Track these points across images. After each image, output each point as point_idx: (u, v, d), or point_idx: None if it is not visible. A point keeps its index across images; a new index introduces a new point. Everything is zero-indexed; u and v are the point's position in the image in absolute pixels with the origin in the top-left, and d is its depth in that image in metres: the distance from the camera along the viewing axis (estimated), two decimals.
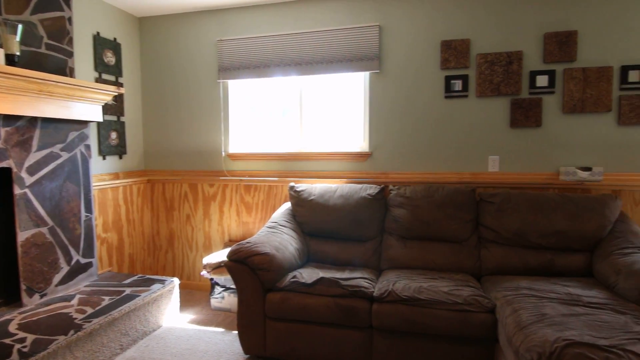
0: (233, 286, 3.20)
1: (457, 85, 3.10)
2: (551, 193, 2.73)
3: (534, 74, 2.96)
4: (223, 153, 3.65)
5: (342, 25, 3.28)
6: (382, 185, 3.04)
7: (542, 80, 2.94)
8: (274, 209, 3.52)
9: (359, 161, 3.34)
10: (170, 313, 3.06)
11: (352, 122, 3.43)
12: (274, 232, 2.81)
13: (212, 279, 3.28)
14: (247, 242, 2.52)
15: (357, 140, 3.42)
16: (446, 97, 3.13)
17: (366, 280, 2.46)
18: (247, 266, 2.43)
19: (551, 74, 2.93)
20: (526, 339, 1.66)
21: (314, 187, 3.11)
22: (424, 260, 2.77)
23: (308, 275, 2.50)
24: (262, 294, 2.45)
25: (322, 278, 2.41)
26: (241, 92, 3.69)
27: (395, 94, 3.23)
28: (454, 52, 3.07)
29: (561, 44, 2.89)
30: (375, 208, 2.94)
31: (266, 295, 2.45)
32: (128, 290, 2.84)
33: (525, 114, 2.98)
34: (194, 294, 3.68)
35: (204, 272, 3.15)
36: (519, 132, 3.03)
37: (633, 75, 2.81)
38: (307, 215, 3.02)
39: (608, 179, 2.88)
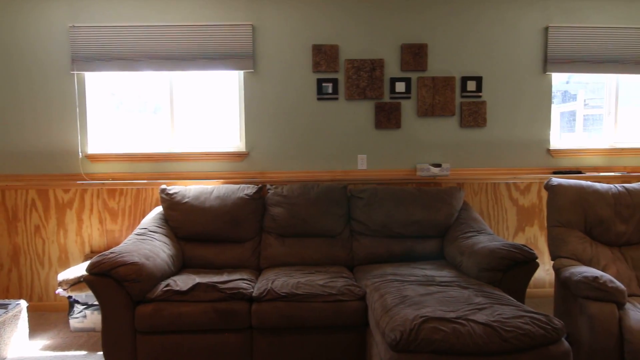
0: (97, 302, 2.87)
1: (329, 88, 3.26)
2: (410, 187, 3.06)
3: (393, 81, 3.27)
4: (80, 154, 3.24)
5: (213, 21, 3.18)
6: (260, 185, 3.05)
7: (400, 87, 3.28)
8: (143, 215, 3.26)
9: (236, 161, 3.29)
10: (17, 341, 2.61)
11: (227, 121, 3.36)
12: (143, 240, 2.60)
13: (70, 297, 2.90)
14: (112, 252, 2.29)
15: (233, 139, 3.36)
16: (319, 99, 3.27)
17: (245, 281, 2.43)
18: (112, 279, 2.20)
19: (407, 81, 3.28)
20: (391, 320, 1.83)
21: (188, 189, 2.97)
22: (301, 256, 2.85)
23: (183, 282, 2.38)
24: (130, 308, 2.25)
25: (198, 284, 2.31)
26: (103, 86, 3.33)
27: (270, 94, 3.27)
28: (324, 56, 3.22)
29: (415, 55, 3.26)
30: (253, 208, 2.93)
31: (136, 308, 2.26)
32: None
33: (388, 117, 3.28)
34: (49, 317, 3.20)
35: (59, 290, 2.76)
36: (383, 133, 3.32)
37: (471, 85, 3.31)
38: (182, 219, 2.87)
39: (454, 174, 3.34)
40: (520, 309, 1.88)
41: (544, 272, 3.42)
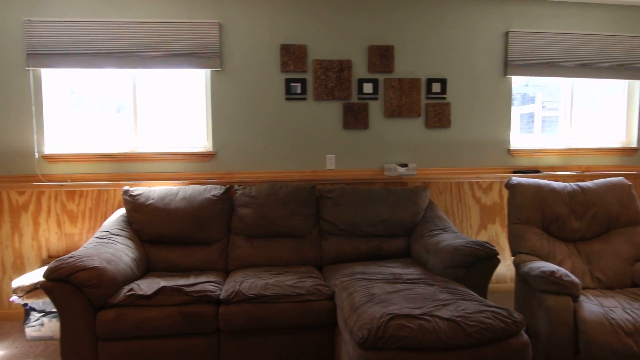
0: (55, 309, 2.75)
1: (297, 88, 3.26)
2: (378, 187, 3.10)
3: (361, 82, 3.31)
4: (36, 154, 3.09)
5: (178, 18, 3.11)
6: (228, 186, 3.01)
7: (368, 88, 3.32)
8: (105, 217, 3.14)
9: (203, 161, 3.23)
10: None
11: (193, 121, 3.29)
12: (104, 243, 2.51)
13: (26, 305, 2.76)
14: (71, 257, 2.20)
15: (200, 139, 3.30)
16: (287, 99, 3.26)
17: (212, 284, 2.39)
18: (71, 284, 2.11)
19: (375, 82, 3.32)
20: (358, 318, 1.85)
21: (153, 191, 2.89)
22: (270, 257, 2.84)
23: (147, 286, 2.31)
24: (91, 314, 2.17)
25: (163, 287, 2.26)
26: (61, 83, 3.19)
27: (238, 94, 3.23)
28: (292, 56, 3.22)
29: (382, 57, 3.30)
30: (221, 209, 2.89)
31: (97, 314, 2.17)
32: None
33: (356, 117, 3.31)
34: (2, 326, 3.03)
35: (14, 298, 2.63)
36: (351, 133, 3.35)
37: (436, 87, 3.39)
38: (146, 222, 2.79)
39: (420, 173, 3.41)
40: (482, 304, 1.95)
41: (505, 267, 3.55)
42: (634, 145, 3.68)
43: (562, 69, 3.49)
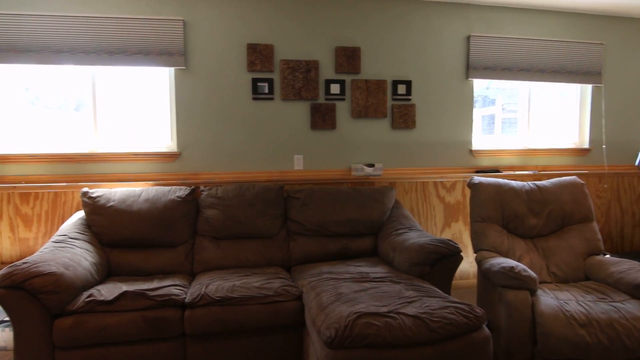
0: (8, 318, 2.60)
1: (264, 87, 3.24)
2: (345, 187, 3.13)
3: (328, 82, 3.32)
4: None
5: (140, 14, 3.02)
6: (193, 187, 2.95)
7: (335, 88, 3.34)
8: (62, 220, 3.00)
9: (167, 162, 3.16)
10: None
11: (157, 120, 3.21)
12: (62, 247, 2.40)
13: None
14: (25, 262, 2.09)
15: (164, 139, 3.22)
16: (254, 98, 3.23)
17: (177, 287, 2.34)
18: (26, 291, 2.01)
19: (342, 83, 3.35)
20: (326, 318, 1.86)
21: (114, 192, 2.79)
22: (238, 259, 2.80)
23: (108, 291, 2.23)
24: (48, 322, 2.07)
25: (125, 292, 2.18)
26: (15, 80, 3.02)
27: (203, 93, 3.17)
28: (259, 55, 3.19)
29: (349, 58, 3.33)
30: (186, 210, 2.83)
31: (54, 322, 2.08)
32: None
33: (323, 118, 3.33)
34: None
35: None
36: (319, 134, 3.36)
37: (401, 89, 3.46)
38: (107, 225, 2.69)
39: (386, 173, 3.46)
40: (446, 300, 2.00)
41: (468, 264, 3.66)
42: (586, 146, 3.89)
43: (520, 72, 3.64)
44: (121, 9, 3.01)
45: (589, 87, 3.86)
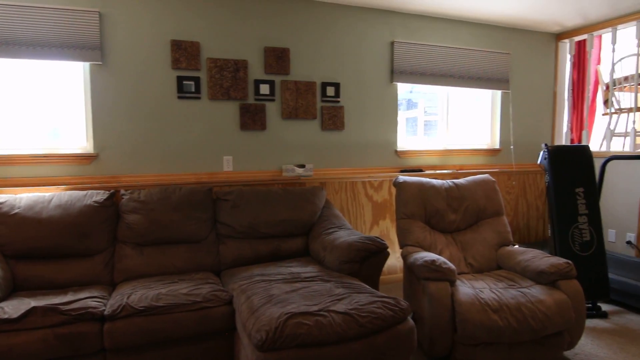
0: None
1: (191, 86, 3.12)
2: (276, 188, 3.12)
3: (258, 83, 3.29)
4: None
5: (50, 4, 2.76)
6: (112, 190, 2.76)
7: (264, 89, 3.31)
8: None
9: (82, 164, 2.92)
10: None
11: (71, 119, 2.95)
12: None
13: None
14: None
15: (78, 140, 2.97)
16: (179, 97, 3.11)
17: (95, 299, 2.17)
18: None
19: (271, 84, 3.33)
20: (257, 320, 1.84)
21: (19, 198, 2.52)
22: (163, 266, 2.67)
23: (14, 307, 2.01)
24: None
25: (34, 308, 1.98)
26: None
27: (123, 90, 2.98)
28: (184, 53, 3.07)
29: (278, 59, 3.33)
30: (104, 216, 2.64)
31: None
32: None
33: (253, 118, 3.29)
34: None
35: None
36: (248, 134, 3.32)
37: (330, 90, 3.52)
38: (11, 234, 2.42)
39: (317, 174, 3.51)
40: (374, 295, 2.08)
41: (395, 259, 3.83)
42: (497, 146, 4.25)
43: (440, 78, 3.89)
44: None
45: (499, 93, 4.23)
